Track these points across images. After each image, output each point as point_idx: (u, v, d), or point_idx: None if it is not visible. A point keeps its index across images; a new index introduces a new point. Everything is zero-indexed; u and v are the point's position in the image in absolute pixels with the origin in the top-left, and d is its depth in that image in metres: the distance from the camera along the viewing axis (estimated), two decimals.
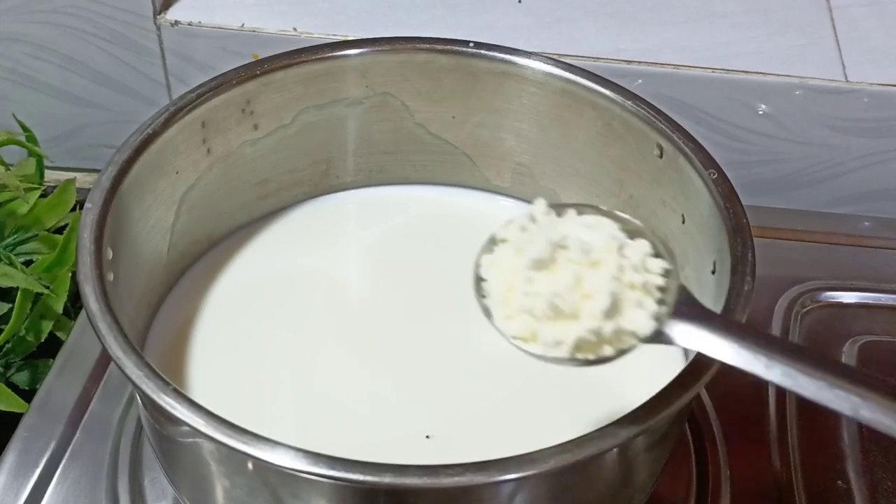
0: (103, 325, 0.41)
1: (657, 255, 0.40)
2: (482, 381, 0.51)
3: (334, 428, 0.49)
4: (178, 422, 0.38)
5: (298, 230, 0.59)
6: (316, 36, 0.70)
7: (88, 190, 0.46)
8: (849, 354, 0.62)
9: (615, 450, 0.39)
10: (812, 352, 0.37)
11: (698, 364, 0.40)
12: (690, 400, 0.40)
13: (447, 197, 0.60)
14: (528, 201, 0.59)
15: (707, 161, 0.49)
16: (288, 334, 0.53)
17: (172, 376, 0.49)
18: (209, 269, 0.56)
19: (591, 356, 0.38)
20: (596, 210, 0.41)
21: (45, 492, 0.53)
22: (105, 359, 0.58)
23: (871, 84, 0.69)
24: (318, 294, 0.55)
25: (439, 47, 0.55)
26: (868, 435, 0.57)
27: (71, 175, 0.70)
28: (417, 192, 0.61)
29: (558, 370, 0.51)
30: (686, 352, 0.52)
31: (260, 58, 0.54)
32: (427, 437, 0.48)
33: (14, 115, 0.71)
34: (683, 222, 0.51)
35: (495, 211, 0.60)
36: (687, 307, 0.38)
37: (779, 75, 0.69)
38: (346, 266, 0.57)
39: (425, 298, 0.54)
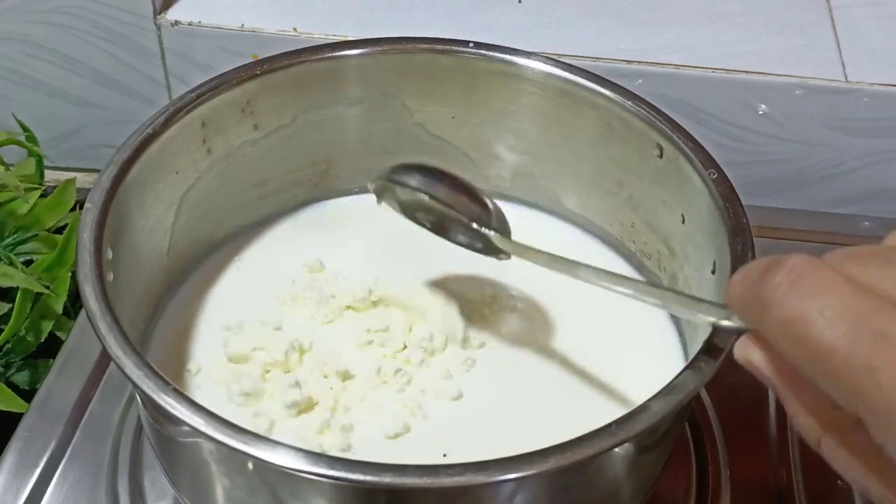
0: (103, 325, 0.41)
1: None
2: (481, 380, 0.51)
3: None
4: (178, 422, 0.38)
5: (298, 230, 0.59)
6: (316, 36, 0.70)
7: (88, 190, 0.46)
8: None
9: (615, 449, 0.39)
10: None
11: (698, 363, 0.40)
12: (690, 399, 0.40)
13: None
14: (529, 201, 0.60)
15: (707, 161, 0.49)
16: (287, 334, 0.52)
17: (172, 376, 0.49)
18: (209, 269, 0.56)
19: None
20: None
21: (44, 492, 0.53)
22: (105, 359, 0.58)
23: (871, 84, 0.69)
24: (318, 294, 0.54)
25: (439, 47, 0.55)
26: None
27: (71, 175, 0.70)
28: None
29: (557, 370, 0.51)
30: (686, 352, 0.52)
31: (260, 58, 0.54)
32: (444, 455, 0.47)
33: (14, 115, 0.71)
34: (683, 222, 0.51)
35: None
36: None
37: (779, 75, 0.69)
38: (346, 266, 0.57)
39: (425, 298, 0.54)
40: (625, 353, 0.52)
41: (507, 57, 0.55)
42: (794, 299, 0.29)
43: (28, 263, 0.63)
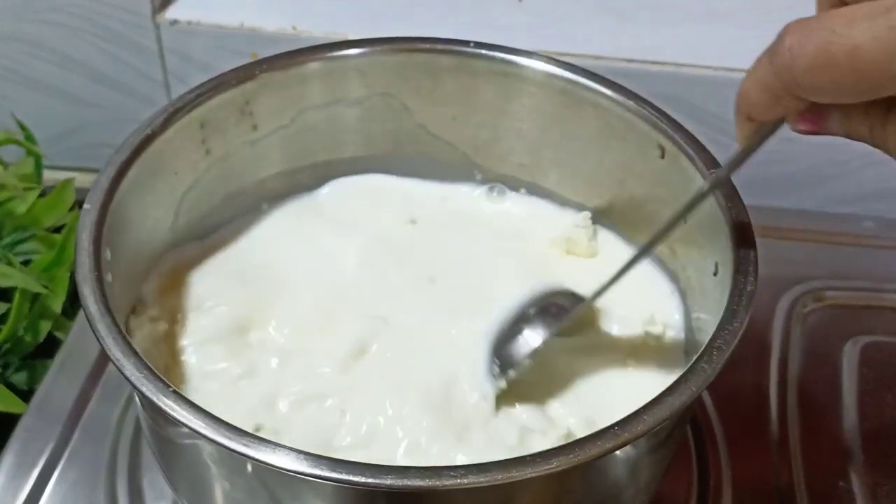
0: (102, 327, 0.41)
1: None
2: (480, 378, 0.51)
3: (334, 426, 0.49)
4: (177, 424, 0.38)
5: (298, 229, 0.59)
6: (315, 35, 0.70)
7: (87, 190, 0.46)
8: (850, 354, 0.62)
9: (617, 452, 0.39)
10: None
11: (701, 364, 0.40)
12: (692, 402, 0.40)
13: (448, 193, 0.60)
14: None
15: (709, 161, 0.49)
16: (287, 334, 0.52)
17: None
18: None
19: None
20: None
21: (43, 492, 0.53)
22: (104, 359, 0.58)
23: None
24: (318, 294, 0.54)
25: (439, 47, 0.55)
26: (869, 435, 0.57)
27: (69, 175, 0.69)
28: (419, 188, 0.60)
29: (556, 371, 0.51)
30: (686, 354, 0.52)
31: (259, 57, 0.54)
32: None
33: (13, 115, 0.71)
34: (685, 222, 0.51)
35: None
36: None
37: None
38: (346, 265, 0.57)
39: (425, 296, 0.54)
40: (626, 351, 0.52)
41: (508, 56, 0.55)
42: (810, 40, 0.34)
43: (26, 263, 0.63)
